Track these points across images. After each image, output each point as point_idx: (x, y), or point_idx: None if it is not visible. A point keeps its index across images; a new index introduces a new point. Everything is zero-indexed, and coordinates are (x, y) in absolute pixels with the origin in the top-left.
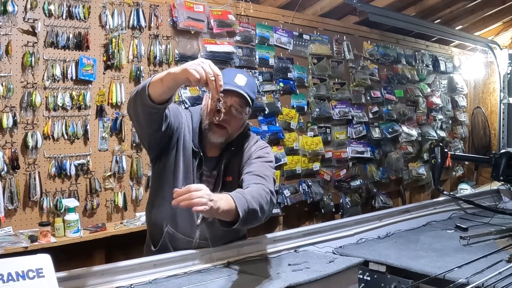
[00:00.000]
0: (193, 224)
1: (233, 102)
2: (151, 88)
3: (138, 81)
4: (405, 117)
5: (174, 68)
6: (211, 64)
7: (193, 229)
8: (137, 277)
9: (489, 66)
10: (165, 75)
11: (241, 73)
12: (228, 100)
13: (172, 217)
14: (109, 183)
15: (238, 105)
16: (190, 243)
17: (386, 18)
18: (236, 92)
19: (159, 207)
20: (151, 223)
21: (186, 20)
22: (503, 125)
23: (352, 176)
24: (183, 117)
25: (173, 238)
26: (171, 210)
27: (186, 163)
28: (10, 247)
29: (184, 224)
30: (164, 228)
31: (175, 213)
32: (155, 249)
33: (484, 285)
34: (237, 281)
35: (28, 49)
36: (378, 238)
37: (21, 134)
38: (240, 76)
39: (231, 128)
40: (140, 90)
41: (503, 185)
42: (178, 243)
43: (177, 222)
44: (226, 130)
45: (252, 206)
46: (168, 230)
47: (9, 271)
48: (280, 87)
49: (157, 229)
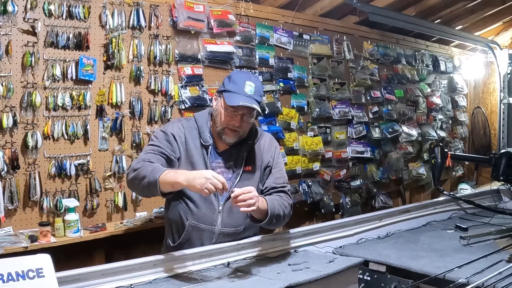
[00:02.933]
0: (214, 211)
1: (244, 112)
2: (162, 187)
3: (138, 81)
4: (405, 117)
5: (184, 177)
6: (214, 175)
7: (214, 217)
8: (137, 277)
9: (489, 66)
10: (175, 183)
11: (249, 80)
12: (240, 110)
13: (192, 210)
14: (109, 183)
15: (248, 113)
16: (212, 231)
17: (386, 18)
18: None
19: (177, 204)
20: (171, 220)
21: (186, 20)
22: (503, 125)
23: (352, 176)
24: (176, 136)
25: (196, 229)
26: (189, 204)
27: (191, 161)
28: (10, 247)
29: (205, 213)
30: (186, 222)
31: (194, 206)
32: (176, 244)
33: (484, 285)
34: (237, 281)
35: (28, 49)
36: (378, 238)
37: (21, 134)
38: (249, 84)
39: (243, 130)
40: (151, 186)
41: (503, 185)
42: (201, 233)
43: (197, 214)
44: (238, 133)
45: (278, 211)
46: (190, 223)
47: (9, 271)
48: (280, 87)
49: (178, 225)
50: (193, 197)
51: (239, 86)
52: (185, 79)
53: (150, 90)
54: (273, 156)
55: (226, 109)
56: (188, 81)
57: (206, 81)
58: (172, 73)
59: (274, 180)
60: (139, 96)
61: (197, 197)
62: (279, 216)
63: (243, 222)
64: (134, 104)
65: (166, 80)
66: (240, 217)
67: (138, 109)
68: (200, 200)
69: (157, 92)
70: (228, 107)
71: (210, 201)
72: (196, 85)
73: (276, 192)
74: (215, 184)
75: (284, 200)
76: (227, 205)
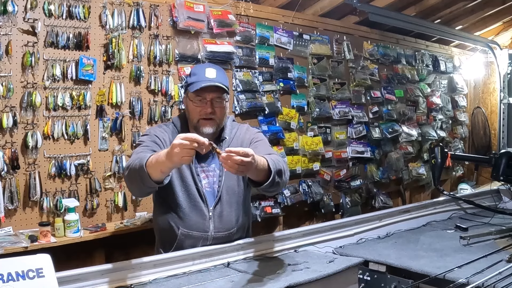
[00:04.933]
0: (205, 218)
1: (212, 96)
2: (152, 174)
3: (138, 81)
4: (405, 117)
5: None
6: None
7: (206, 224)
8: (137, 277)
9: (489, 66)
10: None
11: (209, 67)
12: (207, 95)
13: (182, 219)
14: (109, 183)
15: (217, 97)
16: (206, 238)
17: (386, 18)
18: (211, 87)
19: (166, 213)
20: (161, 229)
21: (186, 20)
22: (503, 125)
23: (352, 176)
24: (160, 138)
25: (189, 237)
26: (179, 213)
27: (180, 168)
28: (10, 247)
29: (196, 221)
30: (177, 231)
31: (184, 214)
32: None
33: (484, 285)
34: (237, 281)
35: (28, 49)
36: (378, 238)
37: (21, 134)
38: (210, 70)
39: (218, 117)
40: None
41: (503, 185)
42: (194, 240)
43: (189, 222)
44: (214, 120)
45: (279, 166)
46: (182, 232)
47: (9, 271)
48: (280, 87)
49: (169, 234)
50: (182, 205)
51: (199, 75)
52: (185, 79)
53: (150, 90)
54: (252, 138)
55: (194, 100)
56: None
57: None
58: (172, 73)
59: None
60: (139, 96)
61: (186, 204)
62: (280, 170)
63: (235, 224)
64: (134, 104)
65: (166, 80)
66: (232, 220)
67: (138, 109)
68: (189, 208)
69: (157, 92)
70: (194, 96)
71: (200, 207)
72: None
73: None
74: (189, 146)
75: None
76: (217, 210)
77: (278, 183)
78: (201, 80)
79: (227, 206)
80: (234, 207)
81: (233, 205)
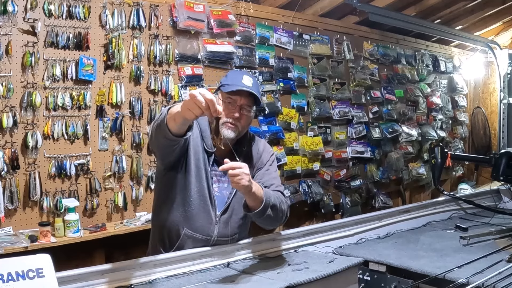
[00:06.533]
0: (211, 222)
1: (243, 102)
2: (169, 123)
3: (138, 81)
4: (405, 117)
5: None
6: (202, 92)
7: (211, 228)
8: (137, 277)
9: (489, 66)
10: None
11: (247, 75)
12: (239, 100)
13: (189, 219)
14: (109, 183)
15: (247, 105)
16: (208, 241)
17: (386, 18)
18: (246, 92)
19: (172, 211)
20: (163, 227)
21: (186, 20)
22: (503, 125)
23: (352, 176)
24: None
25: (192, 239)
26: (187, 212)
27: (197, 165)
28: (10, 247)
29: (202, 223)
30: (181, 231)
31: (192, 215)
32: (168, 251)
33: (484, 285)
34: (237, 281)
35: (28, 49)
36: (378, 238)
37: (21, 134)
38: (247, 78)
39: (241, 125)
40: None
41: (503, 185)
42: (196, 243)
43: (194, 223)
44: (237, 127)
45: (274, 201)
46: (185, 232)
47: (9, 271)
48: (280, 87)
49: (172, 233)
50: (192, 204)
51: (236, 79)
52: (185, 79)
53: (150, 90)
54: (268, 160)
55: (225, 100)
56: (188, 81)
57: (206, 81)
58: (172, 73)
59: (267, 181)
60: (139, 96)
61: (196, 205)
62: (274, 206)
63: (237, 230)
64: (134, 104)
65: (166, 80)
66: (236, 227)
67: (138, 109)
68: (198, 209)
69: (157, 92)
70: (227, 96)
71: (208, 210)
72: (196, 85)
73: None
74: (199, 103)
75: (280, 196)
76: (225, 216)
77: (270, 216)
78: (236, 84)
79: (235, 215)
80: (240, 216)
81: (240, 215)
